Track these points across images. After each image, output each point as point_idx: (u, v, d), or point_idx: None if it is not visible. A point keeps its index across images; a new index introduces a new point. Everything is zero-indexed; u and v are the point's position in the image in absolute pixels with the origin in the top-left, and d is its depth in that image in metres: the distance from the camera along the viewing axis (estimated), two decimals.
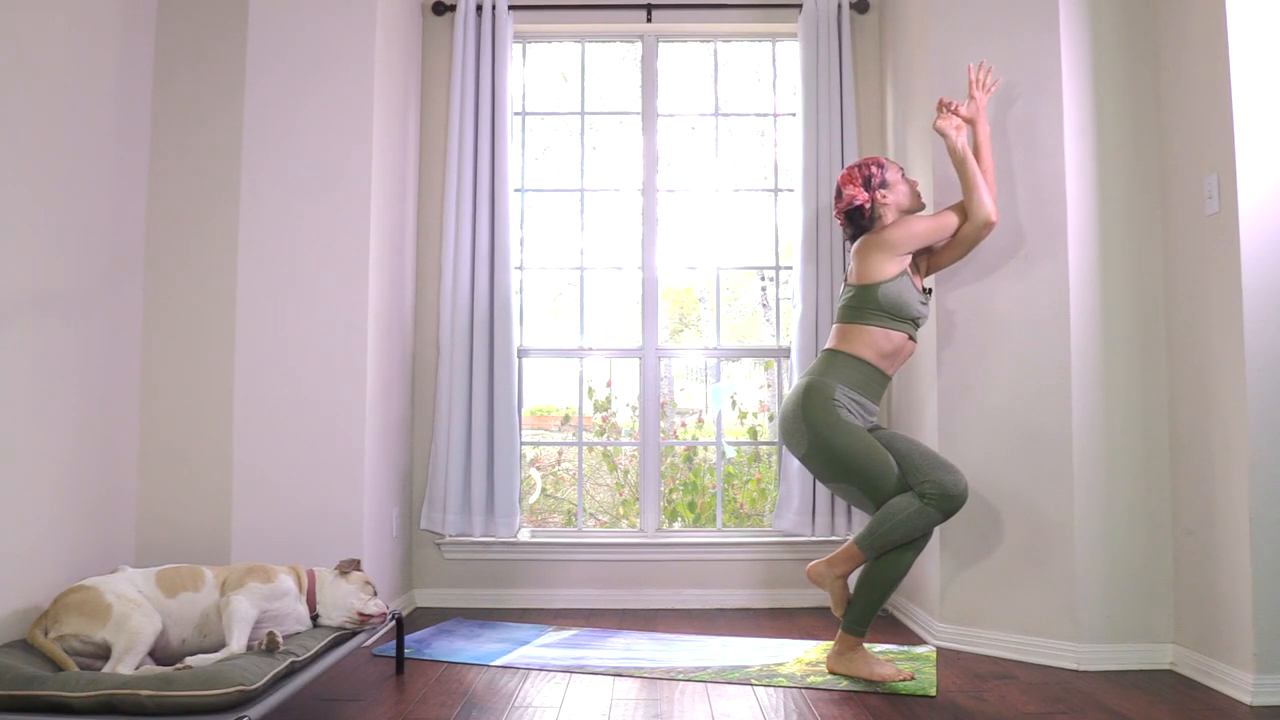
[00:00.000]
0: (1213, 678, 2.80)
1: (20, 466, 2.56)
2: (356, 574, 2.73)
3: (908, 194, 3.09)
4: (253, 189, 3.34)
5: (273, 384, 3.31)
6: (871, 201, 3.04)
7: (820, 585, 2.98)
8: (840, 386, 2.90)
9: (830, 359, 2.97)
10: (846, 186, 3.07)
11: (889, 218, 3.05)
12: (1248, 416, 2.67)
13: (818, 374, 2.95)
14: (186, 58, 3.34)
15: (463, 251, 4.03)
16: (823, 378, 2.92)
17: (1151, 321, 3.12)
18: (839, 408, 2.88)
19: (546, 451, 5.23)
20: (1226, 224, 2.77)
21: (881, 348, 2.95)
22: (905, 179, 3.10)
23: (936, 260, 3.17)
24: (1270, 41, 2.74)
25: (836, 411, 2.87)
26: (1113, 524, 3.07)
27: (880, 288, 2.94)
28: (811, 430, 2.87)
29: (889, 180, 3.05)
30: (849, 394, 2.91)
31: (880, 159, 3.09)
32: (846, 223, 3.11)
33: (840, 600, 2.96)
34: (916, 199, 3.10)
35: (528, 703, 2.67)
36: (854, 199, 3.04)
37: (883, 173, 3.06)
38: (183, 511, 3.23)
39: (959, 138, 3.05)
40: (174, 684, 2.01)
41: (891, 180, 3.06)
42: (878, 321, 2.94)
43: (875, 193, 3.04)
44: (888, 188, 3.05)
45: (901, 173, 3.10)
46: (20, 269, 2.56)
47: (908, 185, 3.10)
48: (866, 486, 2.86)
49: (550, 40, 4.42)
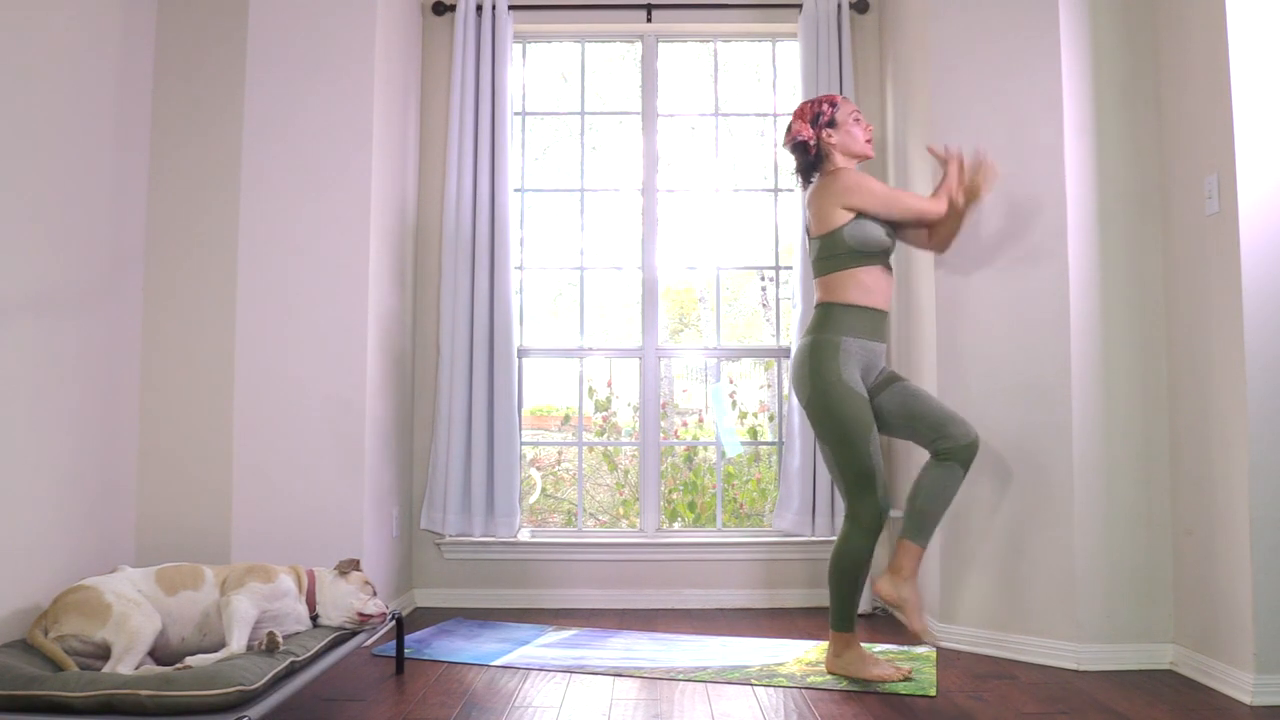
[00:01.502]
0: (1213, 678, 2.80)
1: (20, 466, 2.56)
2: (356, 574, 2.73)
3: (857, 139, 3.03)
4: (253, 189, 3.34)
5: (273, 384, 3.31)
6: (817, 139, 3.02)
7: (897, 604, 2.86)
8: (845, 338, 2.90)
9: (826, 313, 2.95)
10: (795, 121, 3.06)
11: (837, 159, 3.03)
12: (1248, 416, 2.67)
13: (818, 330, 2.93)
14: (186, 58, 3.34)
15: (463, 251, 4.03)
16: (826, 334, 2.91)
17: (1151, 321, 3.12)
18: (845, 365, 2.88)
19: (546, 451, 5.23)
20: (1226, 224, 2.77)
21: (867, 286, 2.94)
22: (858, 122, 3.05)
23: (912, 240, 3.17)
24: (1270, 41, 2.74)
25: (841, 371, 2.87)
26: (1113, 524, 3.07)
27: (843, 230, 2.93)
28: (814, 385, 2.88)
29: (838, 120, 3.02)
30: (855, 342, 2.91)
31: (835, 97, 3.06)
32: (795, 158, 3.10)
33: (917, 608, 2.85)
34: (865, 146, 3.05)
35: (528, 703, 2.67)
36: (799, 134, 3.04)
37: (833, 111, 3.03)
38: (183, 511, 3.23)
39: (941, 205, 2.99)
40: (174, 684, 2.01)
41: (840, 120, 3.02)
42: (853, 264, 2.93)
43: (821, 130, 3.02)
44: (835, 127, 3.02)
45: (855, 116, 3.05)
46: (20, 269, 2.57)
47: (861, 130, 3.04)
48: (837, 454, 2.87)
49: (550, 40, 4.42)
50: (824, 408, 2.87)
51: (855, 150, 3.04)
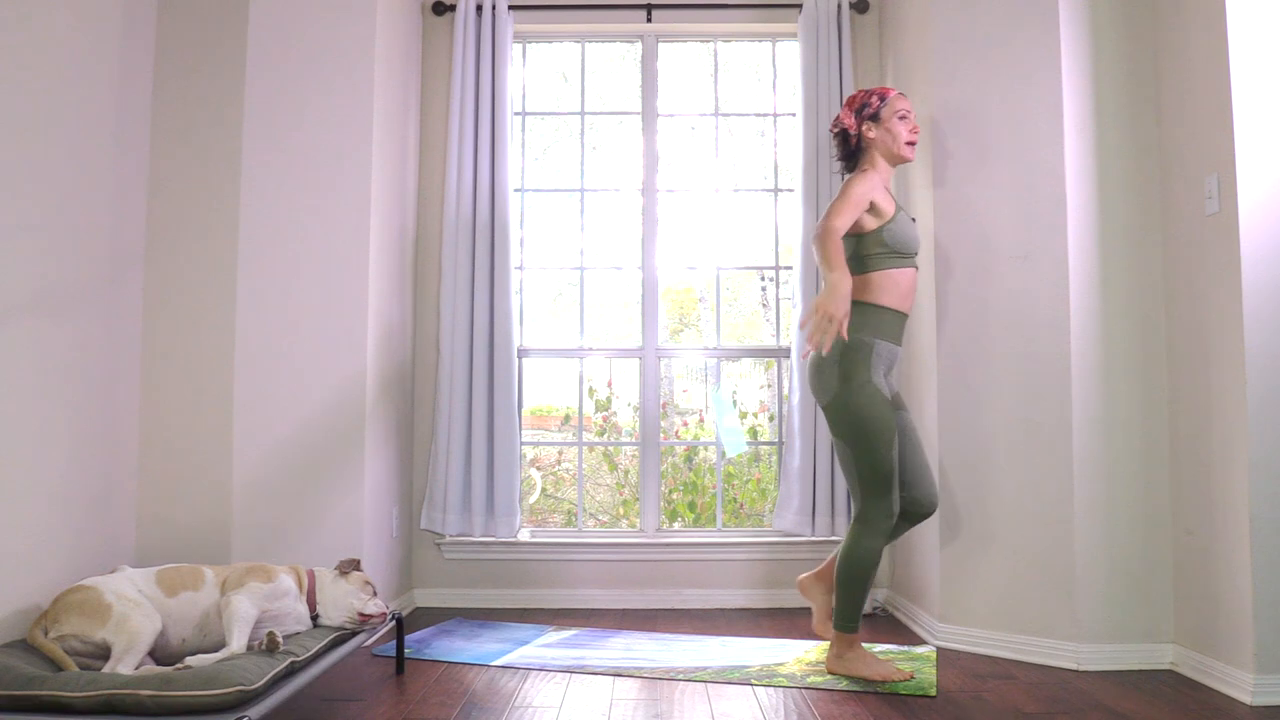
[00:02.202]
0: (1213, 678, 2.80)
1: (20, 466, 2.56)
2: (356, 574, 2.73)
3: (898, 138, 2.99)
4: (253, 189, 3.34)
5: (273, 383, 3.31)
6: (857, 131, 3.01)
7: (807, 599, 3.14)
8: (877, 341, 2.89)
9: (858, 312, 2.90)
10: (843, 110, 3.06)
11: (875, 156, 3.01)
12: (1248, 416, 2.67)
13: (853, 329, 2.88)
14: (186, 58, 3.34)
15: (463, 251, 4.03)
16: (860, 334, 2.88)
17: (1151, 321, 3.12)
18: (875, 368, 2.87)
19: (546, 451, 5.23)
20: (1226, 224, 2.77)
21: (900, 286, 2.93)
22: (904, 120, 3.00)
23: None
24: (1270, 41, 2.74)
25: (871, 374, 2.86)
26: (1113, 524, 3.07)
27: (883, 231, 2.91)
28: (843, 385, 2.85)
29: (881, 115, 3.00)
30: (885, 345, 2.90)
31: (888, 91, 3.03)
32: (837, 148, 3.09)
33: (825, 615, 3.10)
34: (905, 148, 3.00)
35: (528, 703, 2.67)
36: (842, 122, 3.04)
37: (879, 105, 3.00)
38: (183, 511, 3.23)
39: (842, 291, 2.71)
40: (174, 684, 2.01)
41: (884, 116, 3.00)
42: (889, 263, 2.92)
43: (863, 124, 3.01)
44: (877, 122, 3.00)
45: (902, 114, 3.00)
46: (20, 269, 2.57)
47: (905, 129, 3.00)
48: (858, 456, 2.85)
49: (550, 40, 4.42)
50: (852, 409, 2.85)
51: (893, 150, 3.01)
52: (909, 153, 3.03)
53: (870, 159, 3.03)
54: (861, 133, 3.01)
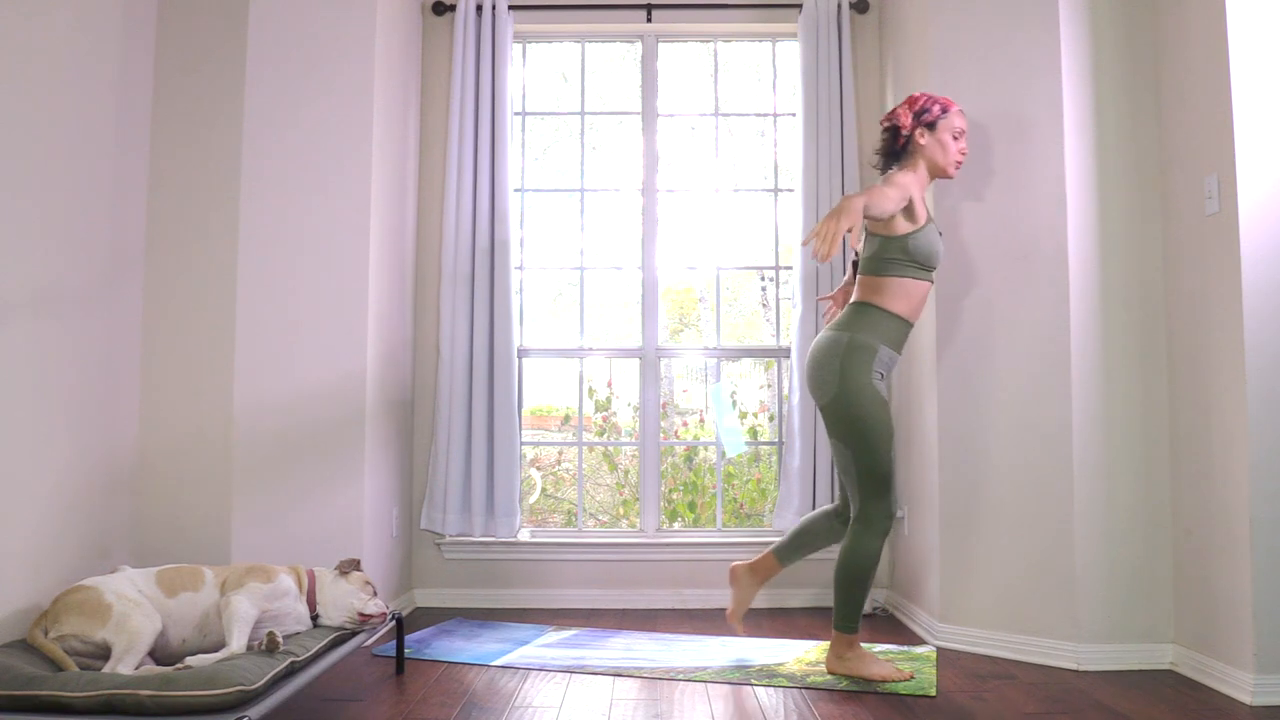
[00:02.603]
0: (1213, 678, 2.80)
1: (20, 466, 2.56)
2: (356, 574, 2.73)
3: (947, 153, 2.97)
4: (253, 189, 3.34)
5: (273, 384, 3.31)
6: (910, 134, 2.98)
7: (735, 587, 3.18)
8: (882, 346, 2.88)
9: (866, 314, 2.91)
10: (902, 105, 3.01)
11: (920, 163, 2.98)
12: (1248, 416, 2.67)
13: (858, 329, 2.88)
14: (186, 58, 3.34)
15: (463, 252, 4.03)
16: (865, 336, 2.87)
17: (1151, 321, 3.12)
18: (876, 373, 2.87)
19: (546, 451, 5.23)
20: (1226, 224, 2.77)
21: (913, 297, 2.92)
22: (956, 141, 2.98)
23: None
24: (1270, 41, 2.74)
25: (873, 376, 2.86)
26: (1113, 524, 3.07)
27: (910, 238, 2.88)
28: (843, 385, 2.85)
29: (938, 126, 2.96)
30: (887, 351, 2.89)
31: (953, 105, 2.99)
32: (882, 140, 3.05)
33: (744, 608, 3.16)
34: (950, 166, 2.98)
35: (528, 703, 2.67)
36: (897, 119, 3.00)
37: (940, 116, 2.96)
38: (183, 511, 3.23)
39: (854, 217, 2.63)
40: (174, 684, 2.01)
41: (940, 127, 2.96)
42: (908, 273, 2.90)
43: (918, 126, 2.98)
44: (932, 131, 2.97)
45: (957, 133, 2.97)
46: (20, 269, 2.56)
47: (954, 149, 2.97)
48: (858, 457, 2.85)
49: (550, 40, 4.42)
50: (850, 410, 2.84)
51: (939, 162, 2.98)
52: (953, 170, 3.01)
53: (913, 163, 2.99)
54: (913, 135, 2.98)
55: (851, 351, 2.86)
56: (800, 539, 3.14)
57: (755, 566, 3.16)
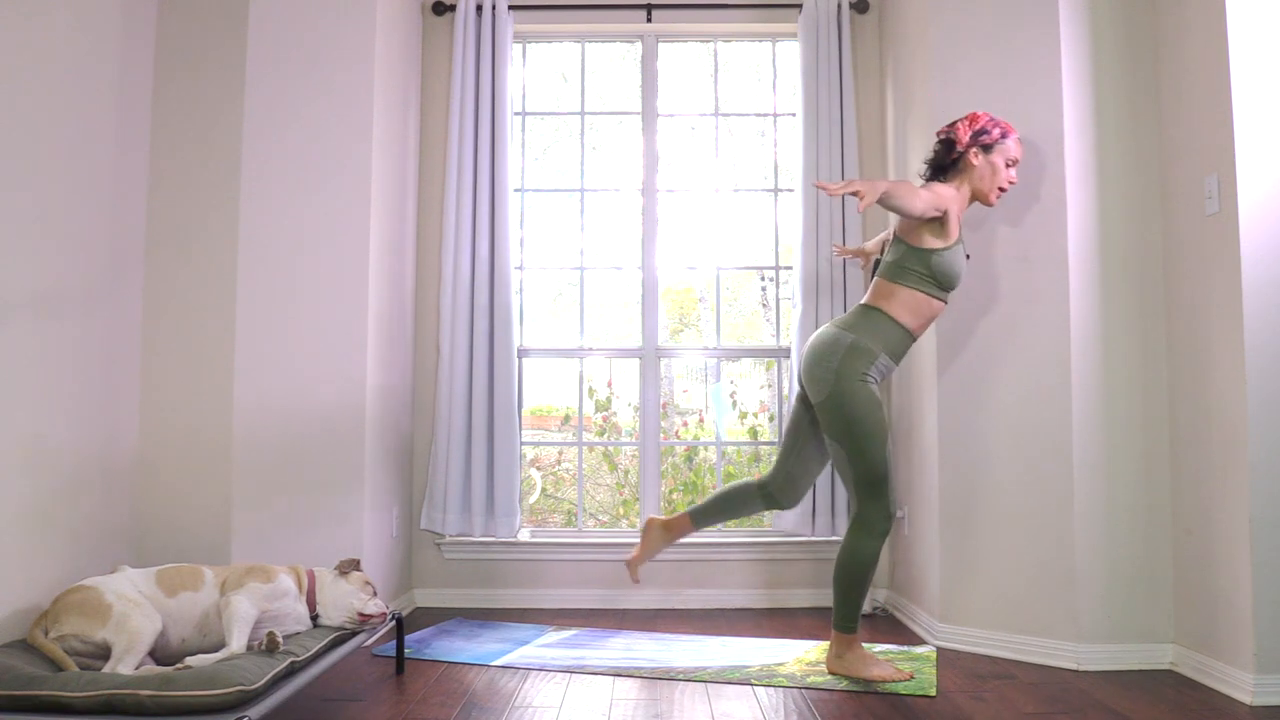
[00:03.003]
0: (1213, 678, 2.80)
1: (20, 466, 2.56)
2: (356, 574, 2.73)
3: (997, 178, 2.94)
4: (253, 189, 3.34)
5: (273, 384, 3.31)
6: (964, 151, 2.95)
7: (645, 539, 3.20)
8: (881, 354, 2.88)
9: (871, 317, 2.91)
10: (963, 120, 2.97)
11: (963, 181, 2.96)
12: (1248, 416, 2.67)
13: (861, 331, 2.88)
14: (186, 58, 3.34)
15: (463, 251, 4.03)
16: (866, 340, 2.87)
17: (1151, 322, 3.12)
18: (871, 378, 2.87)
19: (546, 451, 5.23)
20: (1226, 224, 2.77)
21: (922, 313, 2.93)
22: (1009, 169, 2.95)
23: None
24: (1270, 41, 2.74)
25: (869, 378, 2.86)
26: (1113, 524, 3.07)
27: (935, 255, 2.87)
28: (838, 385, 2.85)
29: (994, 149, 2.93)
30: (885, 360, 2.90)
31: (1014, 132, 2.96)
32: (935, 151, 3.01)
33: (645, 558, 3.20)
34: (994, 192, 2.95)
35: (528, 703, 2.67)
36: (956, 133, 2.96)
37: (998, 139, 2.93)
38: (183, 511, 3.23)
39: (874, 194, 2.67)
40: (174, 684, 2.01)
41: (996, 151, 2.93)
42: (923, 287, 2.90)
43: (973, 146, 2.95)
44: (988, 153, 2.94)
45: (1011, 162, 2.95)
46: (20, 268, 2.56)
47: (1004, 176, 2.94)
48: (853, 457, 2.86)
49: (550, 40, 4.42)
50: (844, 410, 2.85)
51: (984, 185, 2.95)
52: (995, 198, 2.98)
53: (959, 180, 2.97)
54: (966, 153, 2.95)
55: (851, 353, 2.86)
56: (721, 505, 3.17)
57: (670, 524, 3.19)
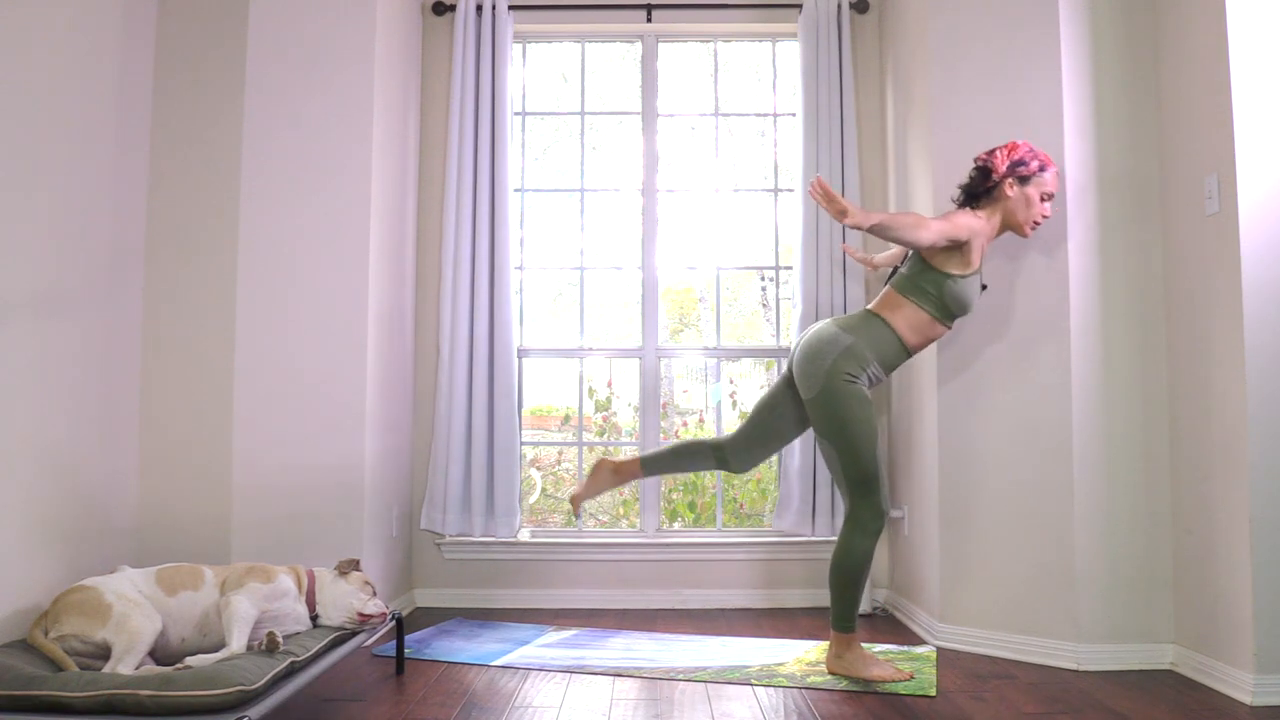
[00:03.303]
0: (1213, 678, 2.80)
1: (20, 466, 2.56)
2: (356, 574, 2.73)
3: (1030, 211, 2.91)
4: (253, 189, 3.34)
5: (273, 383, 3.31)
6: (999, 180, 2.92)
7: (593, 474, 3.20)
8: (873, 363, 2.89)
9: (873, 325, 2.92)
10: (1001, 149, 2.94)
11: (995, 211, 2.94)
12: (1248, 416, 2.67)
13: (859, 335, 2.89)
14: (186, 57, 3.34)
15: (463, 251, 4.03)
16: (863, 345, 2.88)
17: (1151, 321, 3.12)
18: (860, 381, 2.87)
19: (546, 451, 5.23)
20: (1226, 224, 2.77)
21: (923, 333, 2.93)
22: (1043, 203, 2.92)
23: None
24: (1270, 41, 2.74)
25: (858, 381, 2.87)
26: (1113, 524, 3.07)
27: (950, 280, 2.87)
28: (829, 383, 2.86)
29: (1031, 181, 2.91)
30: (876, 369, 2.91)
31: (1052, 165, 2.94)
32: (970, 178, 2.99)
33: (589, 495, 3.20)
34: (1027, 224, 2.93)
35: (528, 703, 2.67)
36: (993, 161, 2.94)
37: (1035, 172, 2.90)
38: (183, 511, 3.23)
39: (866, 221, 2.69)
40: (174, 684, 2.01)
41: (1032, 184, 2.91)
42: (931, 309, 2.90)
43: (1010, 176, 2.92)
44: (1024, 185, 2.92)
45: (1047, 195, 2.93)
46: (20, 268, 2.57)
47: (1038, 209, 2.91)
48: (843, 456, 2.86)
49: (550, 40, 4.42)
50: (834, 409, 2.86)
51: (1018, 218, 2.93)
52: (1029, 231, 2.96)
53: (991, 210, 2.96)
54: (1002, 183, 2.93)
55: (846, 354, 2.87)
56: (673, 457, 3.19)
57: (620, 468, 3.19)
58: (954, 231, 2.83)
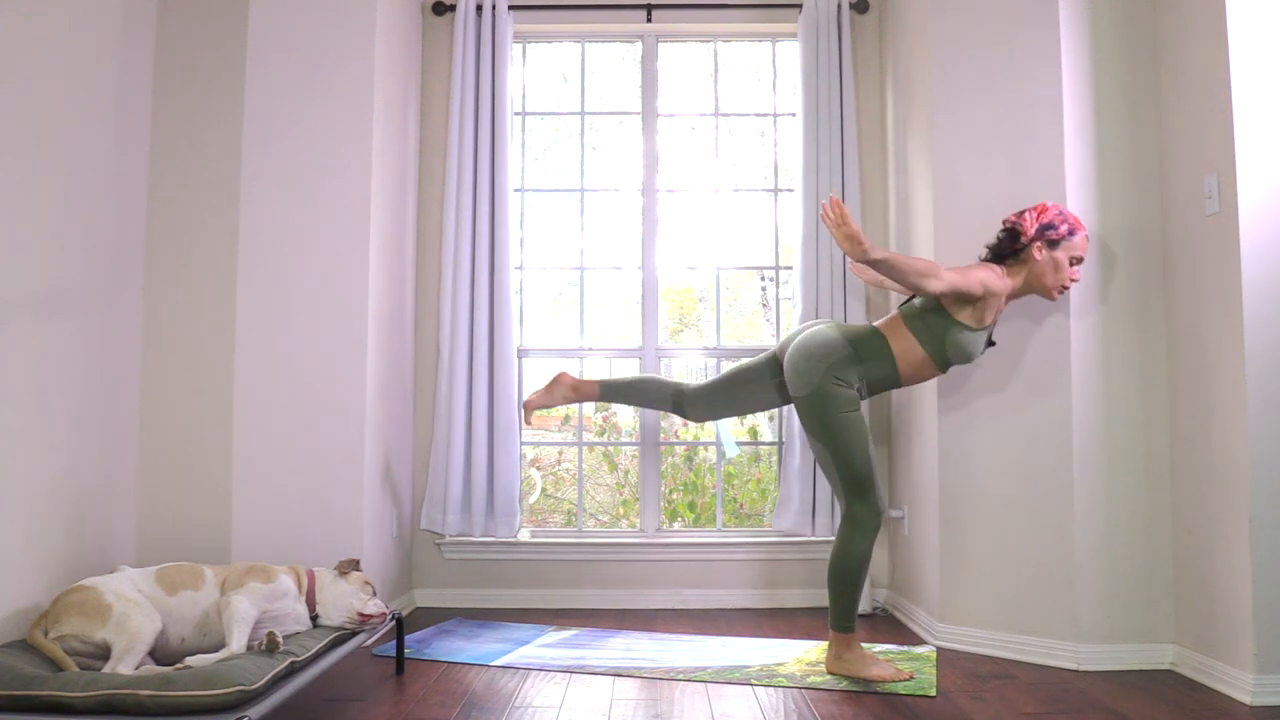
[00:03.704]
0: (1213, 678, 2.80)
1: (20, 466, 2.56)
2: (356, 574, 2.73)
3: (1059, 275, 2.89)
4: (253, 189, 3.34)
5: (273, 384, 3.30)
6: (1027, 242, 2.90)
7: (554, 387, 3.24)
8: (861, 383, 2.92)
9: (874, 343, 2.92)
10: (1030, 213, 2.92)
11: (1021, 272, 2.92)
12: (1248, 416, 2.67)
13: (860, 348, 2.91)
14: (186, 57, 3.34)
15: (463, 251, 4.03)
16: (859, 360, 2.90)
17: (1151, 321, 3.12)
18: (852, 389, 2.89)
19: (546, 451, 5.23)
20: (1226, 224, 2.77)
21: (915, 369, 2.95)
22: (1072, 267, 2.90)
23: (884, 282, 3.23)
24: (1270, 41, 2.74)
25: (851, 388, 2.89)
26: (1113, 524, 3.07)
27: (958, 329, 2.86)
28: (822, 384, 2.87)
29: (1060, 245, 2.88)
30: (862, 388, 2.93)
31: (1083, 230, 2.91)
32: (998, 239, 2.97)
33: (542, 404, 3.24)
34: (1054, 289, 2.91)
35: (528, 703, 2.67)
36: (1023, 224, 2.91)
37: (1065, 236, 2.88)
38: (183, 511, 3.22)
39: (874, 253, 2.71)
40: (174, 684, 2.01)
41: (1061, 248, 2.88)
42: (929, 349, 2.91)
43: (1039, 239, 2.89)
44: (1053, 250, 2.88)
45: (1075, 259, 2.90)
46: (20, 269, 2.56)
47: (1066, 274, 2.89)
48: (836, 458, 2.88)
49: (550, 40, 4.42)
50: (824, 409, 2.87)
51: (1045, 281, 2.90)
52: (1056, 295, 2.94)
53: (1016, 270, 2.94)
54: (1030, 246, 2.90)
55: (843, 363, 2.89)
56: (631, 388, 3.24)
57: (579, 386, 3.24)
58: (966, 286, 2.81)
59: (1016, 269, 2.95)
